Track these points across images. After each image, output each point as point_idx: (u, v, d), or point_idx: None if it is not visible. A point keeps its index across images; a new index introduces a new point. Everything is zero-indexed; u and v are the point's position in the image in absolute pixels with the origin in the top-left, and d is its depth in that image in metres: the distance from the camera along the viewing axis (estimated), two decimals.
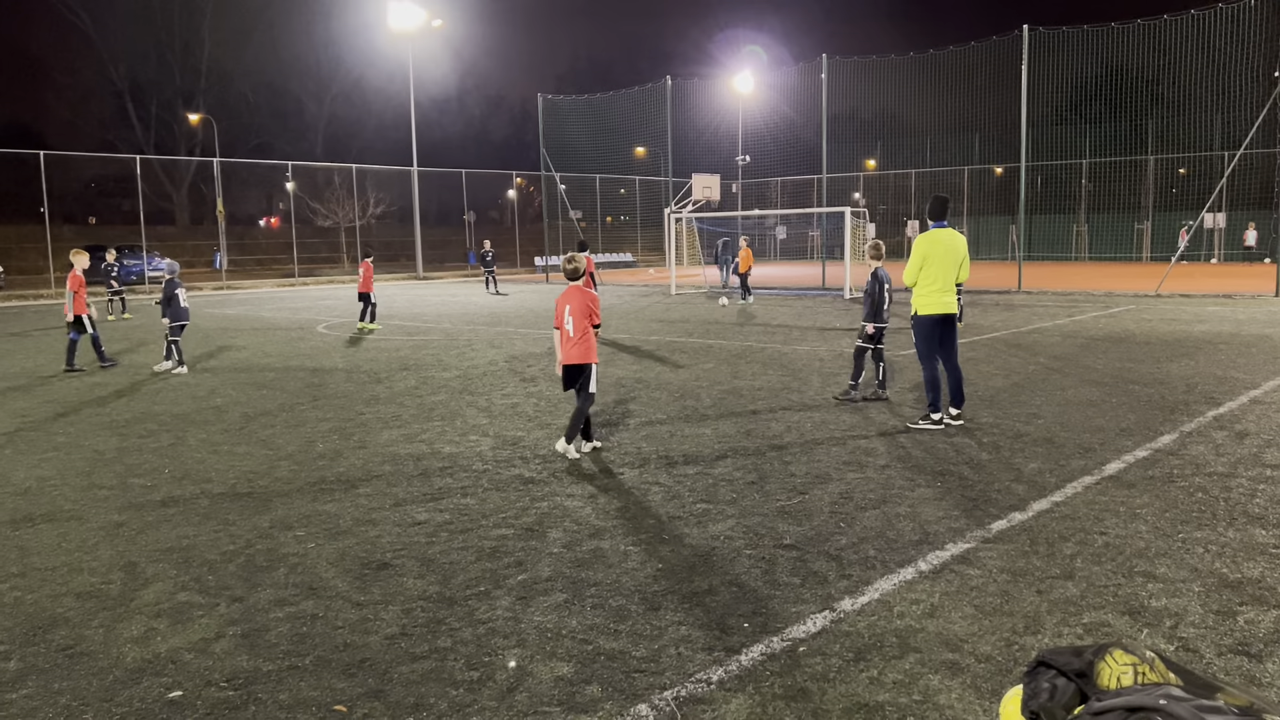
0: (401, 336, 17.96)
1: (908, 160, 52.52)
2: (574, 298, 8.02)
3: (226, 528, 6.19)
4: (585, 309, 7.98)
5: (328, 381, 12.31)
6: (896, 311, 12.13)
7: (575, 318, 7.96)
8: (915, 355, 9.52)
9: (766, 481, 7.09)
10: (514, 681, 4.02)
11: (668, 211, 32.73)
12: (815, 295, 27.58)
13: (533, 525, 6.15)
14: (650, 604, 4.82)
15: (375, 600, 4.93)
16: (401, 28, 41.71)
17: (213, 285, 38.17)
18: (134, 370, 14.02)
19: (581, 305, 7.98)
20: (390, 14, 41.44)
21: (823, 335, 16.85)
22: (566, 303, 8.01)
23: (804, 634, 4.43)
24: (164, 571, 5.40)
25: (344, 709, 3.82)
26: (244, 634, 4.54)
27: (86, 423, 9.82)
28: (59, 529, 6.23)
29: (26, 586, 5.20)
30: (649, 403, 10.41)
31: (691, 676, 4.04)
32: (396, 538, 5.94)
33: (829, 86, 30.90)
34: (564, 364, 8.06)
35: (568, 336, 8.00)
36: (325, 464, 7.87)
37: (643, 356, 14.28)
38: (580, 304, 7.98)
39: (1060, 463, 7.46)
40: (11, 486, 7.33)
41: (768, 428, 9.00)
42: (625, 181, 53.58)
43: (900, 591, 4.91)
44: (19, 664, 4.26)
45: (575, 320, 7.96)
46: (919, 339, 8.99)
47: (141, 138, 63.36)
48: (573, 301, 7.99)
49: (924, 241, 8.82)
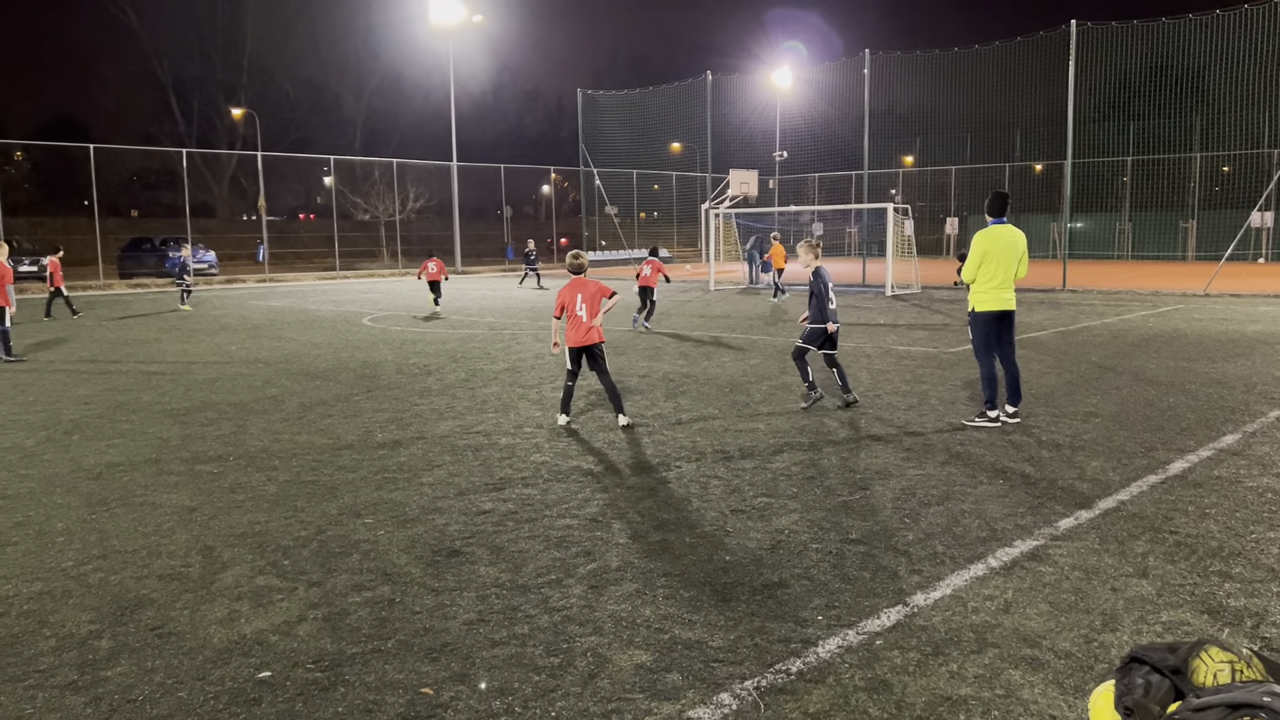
0: (447, 330, 18.10)
1: (947, 156, 52.09)
2: (586, 287, 8.80)
3: (296, 514, 6.29)
4: (600, 294, 8.82)
5: (379, 373, 12.44)
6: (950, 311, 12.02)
7: (590, 303, 8.75)
8: (971, 351, 9.45)
9: (826, 476, 7.09)
10: (595, 668, 4.07)
11: (705, 207, 32.70)
12: (855, 292, 27.43)
13: (596, 516, 6.20)
14: (722, 595, 4.85)
15: (450, 587, 5.00)
16: (442, 23, 41.93)
17: (255, 278, 38.66)
18: (52, 364, 14.24)
19: (596, 291, 8.81)
20: (431, 9, 41.68)
21: (867, 332, 16.78)
22: (578, 291, 8.79)
23: (879, 627, 4.44)
24: (240, 556, 5.51)
25: (431, 691, 3.89)
26: (325, 617, 4.62)
27: (148, 411, 10.01)
28: (134, 513, 6.36)
29: (110, 568, 5.33)
30: (699, 397, 10.43)
31: (771, 667, 4.06)
32: (464, 526, 6.01)
33: (870, 82, 30.71)
34: (580, 345, 8.81)
35: (580, 321, 8.75)
36: (386, 453, 7.97)
37: (688, 352, 14.30)
38: (593, 291, 8.80)
39: (1123, 461, 7.40)
40: (84, 472, 7.49)
41: (821, 423, 9.00)
42: (661, 177, 53.56)
43: (973, 587, 4.91)
44: (111, 642, 4.37)
45: (590, 306, 8.74)
46: (976, 335, 8.94)
47: (184, 132, 64.25)
48: (585, 290, 8.78)
49: (984, 237, 8.77)
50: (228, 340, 16.66)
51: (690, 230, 51.53)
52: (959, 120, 47.56)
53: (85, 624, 4.56)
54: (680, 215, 53.69)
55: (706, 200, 33.29)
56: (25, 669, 4.10)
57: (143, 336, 17.45)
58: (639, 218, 55.44)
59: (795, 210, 48.27)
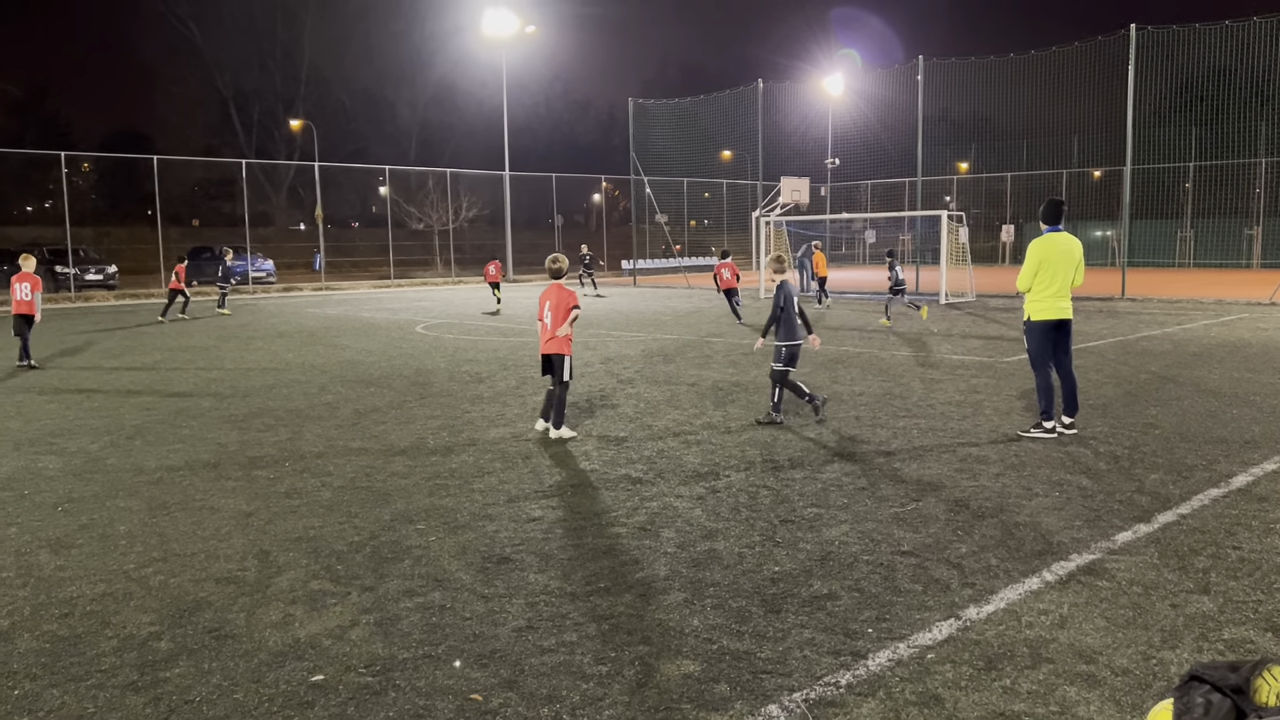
0: (498, 337, 18.25)
1: (1002, 163, 51.34)
2: (554, 294, 8.83)
3: (350, 519, 6.39)
4: (564, 304, 8.79)
5: (432, 380, 12.59)
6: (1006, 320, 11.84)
7: (554, 312, 8.77)
8: (1027, 361, 9.31)
9: (877, 487, 7.03)
10: (643, 677, 4.07)
11: (755, 215, 32.60)
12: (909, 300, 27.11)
13: (644, 524, 6.21)
14: (771, 606, 4.82)
15: (500, 593, 5.04)
16: (495, 34, 42.37)
17: (312, 286, 39.33)
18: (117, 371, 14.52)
19: (560, 301, 8.79)
20: (484, 21, 42.15)
21: (920, 341, 16.59)
22: (547, 299, 8.82)
23: (931, 641, 4.38)
24: (295, 560, 5.60)
25: (480, 698, 3.92)
26: (377, 622, 4.69)
27: (207, 417, 10.22)
28: (193, 517, 6.50)
29: (169, 571, 5.45)
30: (748, 406, 10.39)
31: (820, 679, 4.03)
32: (514, 533, 6.06)
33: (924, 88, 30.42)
34: (544, 353, 8.86)
35: (545, 328, 8.80)
36: (438, 460, 8.06)
37: (738, 360, 14.26)
38: (559, 300, 8.79)
39: (1183, 474, 7.23)
40: (145, 476, 7.67)
41: (873, 434, 8.92)
42: (712, 185, 53.52)
43: (1027, 601, 4.83)
44: (170, 644, 4.46)
45: (554, 315, 8.77)
46: (1032, 345, 8.80)
47: (244, 143, 65.60)
48: (552, 298, 8.81)
49: (1040, 245, 8.63)
50: (284, 347, 16.97)
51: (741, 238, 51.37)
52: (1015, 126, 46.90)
53: (146, 625, 4.67)
54: (731, 223, 53.59)
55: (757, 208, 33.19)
56: (88, 668, 4.21)
57: (202, 343, 17.83)
58: (689, 225, 55.46)
59: (848, 218, 47.93)
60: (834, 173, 49.27)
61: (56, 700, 3.92)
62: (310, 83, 67.73)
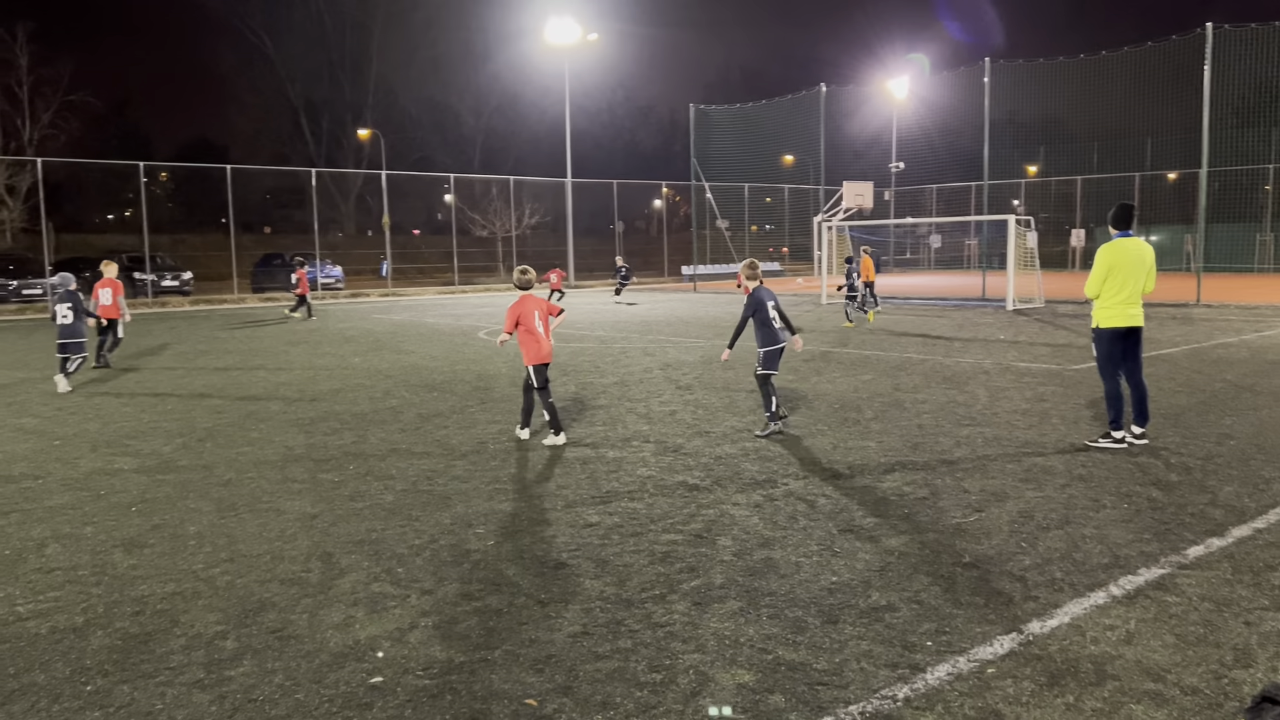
0: (558, 343, 18.36)
1: (1073, 166, 50.26)
2: (540, 304, 9.03)
3: (412, 523, 6.48)
4: (550, 311, 9.13)
5: (493, 385, 12.71)
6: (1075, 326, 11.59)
7: (544, 321, 8.98)
8: (1096, 369, 9.09)
9: (939, 497, 6.92)
10: (697, 686, 4.06)
11: (817, 219, 32.36)
12: (975, 306, 26.71)
13: (701, 532, 6.19)
14: (828, 617, 4.78)
15: (556, 598, 5.07)
16: (558, 42, 42.72)
17: (379, 292, 40.03)
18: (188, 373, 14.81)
19: (545, 309, 9.08)
20: (547, 29, 42.53)
21: (986, 348, 16.31)
22: (534, 308, 8.94)
23: (992, 655, 4.30)
24: (357, 562, 5.70)
25: (535, 703, 3.95)
26: (435, 625, 4.75)
27: (276, 420, 10.46)
28: (260, 519, 6.66)
29: (236, 571, 5.58)
30: (808, 414, 10.31)
31: (877, 692, 3.98)
32: (571, 538, 6.09)
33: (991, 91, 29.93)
34: (545, 361, 8.92)
35: (541, 338, 8.88)
36: (498, 465, 8.14)
37: (798, 367, 14.16)
38: (545, 308, 9.07)
39: (1259, 487, 7.00)
40: (215, 478, 7.88)
41: (936, 442, 8.78)
42: (774, 190, 53.26)
43: (1093, 616, 4.71)
44: (235, 643, 4.57)
45: (545, 324, 8.98)
46: (1100, 353, 8.59)
47: (314, 152, 67.00)
48: (540, 307, 9.00)
49: (1109, 251, 8.42)
50: (351, 352, 17.29)
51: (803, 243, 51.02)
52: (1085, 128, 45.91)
53: (213, 624, 4.80)
54: (793, 228, 53.29)
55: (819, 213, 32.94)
56: (157, 666, 4.33)
57: (272, 348, 18.24)
58: (750, 231, 55.23)
59: (912, 222, 47.33)
60: (898, 177, 48.71)
61: (126, 696, 4.04)
62: (378, 92, 68.96)
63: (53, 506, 7.05)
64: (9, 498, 7.32)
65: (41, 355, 17.62)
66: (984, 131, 30.36)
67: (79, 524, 6.59)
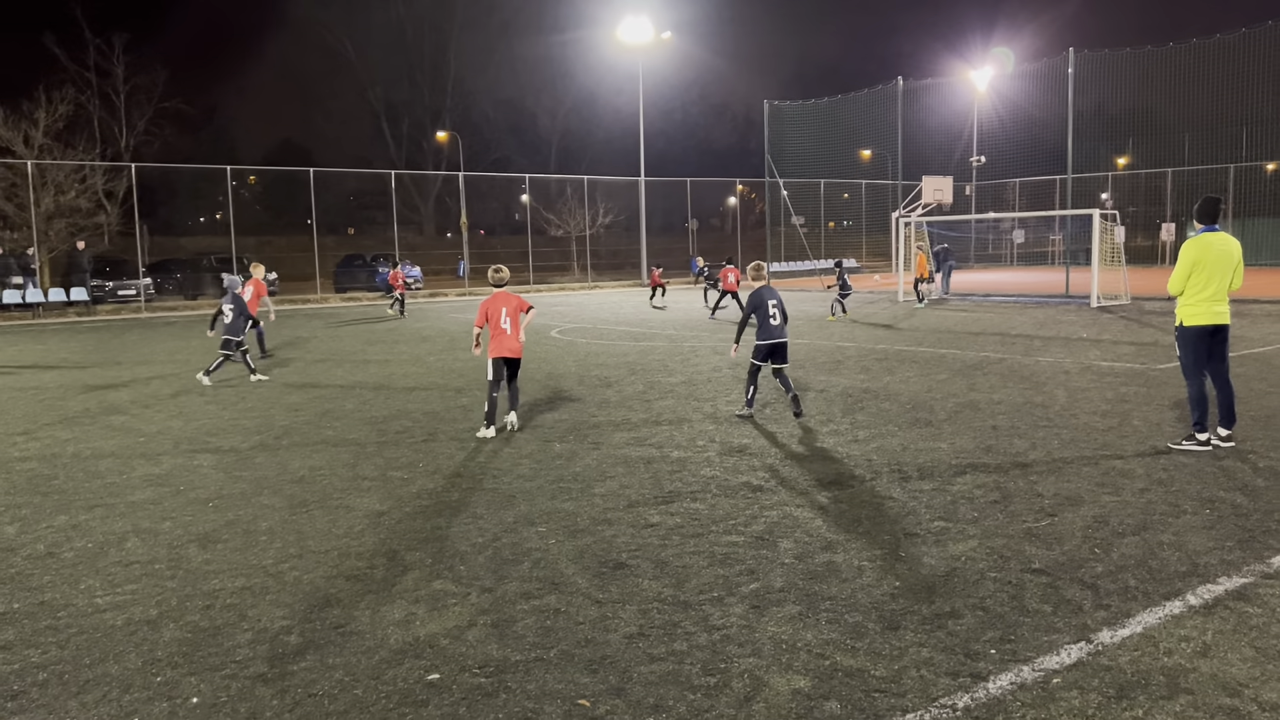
0: (628, 342, 18.41)
1: (1163, 158, 48.52)
2: (509, 300, 9.58)
3: (475, 521, 6.55)
4: (520, 308, 9.67)
5: (562, 384, 12.80)
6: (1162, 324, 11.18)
7: (513, 317, 9.55)
8: (1180, 369, 8.76)
9: (1010, 501, 6.74)
10: (751, 691, 4.02)
11: (895, 215, 31.84)
12: (1058, 303, 25.99)
13: (763, 534, 6.13)
14: (888, 623, 4.68)
15: (614, 599, 5.07)
16: (632, 41, 42.82)
17: (457, 292, 40.67)
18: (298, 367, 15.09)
19: (518, 306, 9.64)
20: (620, 28, 42.67)
21: (1067, 346, 15.85)
22: (502, 305, 9.51)
23: (1058, 665, 4.17)
24: (420, 560, 5.78)
25: (588, 704, 3.95)
26: (493, 623, 4.78)
27: (350, 418, 10.68)
28: (329, 515, 6.80)
29: (304, 567, 5.71)
30: (878, 414, 10.15)
31: (936, 701, 3.89)
32: (631, 538, 6.09)
33: (1075, 81, 29.09)
34: (506, 356, 9.54)
35: (505, 333, 9.49)
36: (562, 464, 8.19)
37: (870, 366, 13.95)
38: (516, 305, 9.62)
39: None
40: (289, 475, 8.08)
41: (1009, 444, 8.56)
42: (850, 186, 52.59)
43: (1167, 626, 4.53)
44: (299, 638, 4.68)
45: (513, 320, 9.55)
46: (1184, 351, 8.27)
47: (394, 154, 68.40)
48: (509, 304, 9.55)
49: (1194, 246, 8.11)
50: (427, 351, 17.58)
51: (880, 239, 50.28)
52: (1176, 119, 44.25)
53: (279, 619, 4.91)
54: (870, 224, 52.56)
55: (897, 208, 32.41)
56: (224, 659, 4.45)
57: (351, 347, 18.65)
58: (827, 227, 54.64)
59: (994, 217, 46.27)
60: (979, 171, 47.67)
61: (193, 688, 4.16)
62: (456, 94, 70.14)
63: (134, 501, 7.31)
64: (95, 492, 7.61)
65: (133, 354, 18.31)
66: (1068, 123, 29.52)
67: (158, 519, 6.82)
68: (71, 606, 5.15)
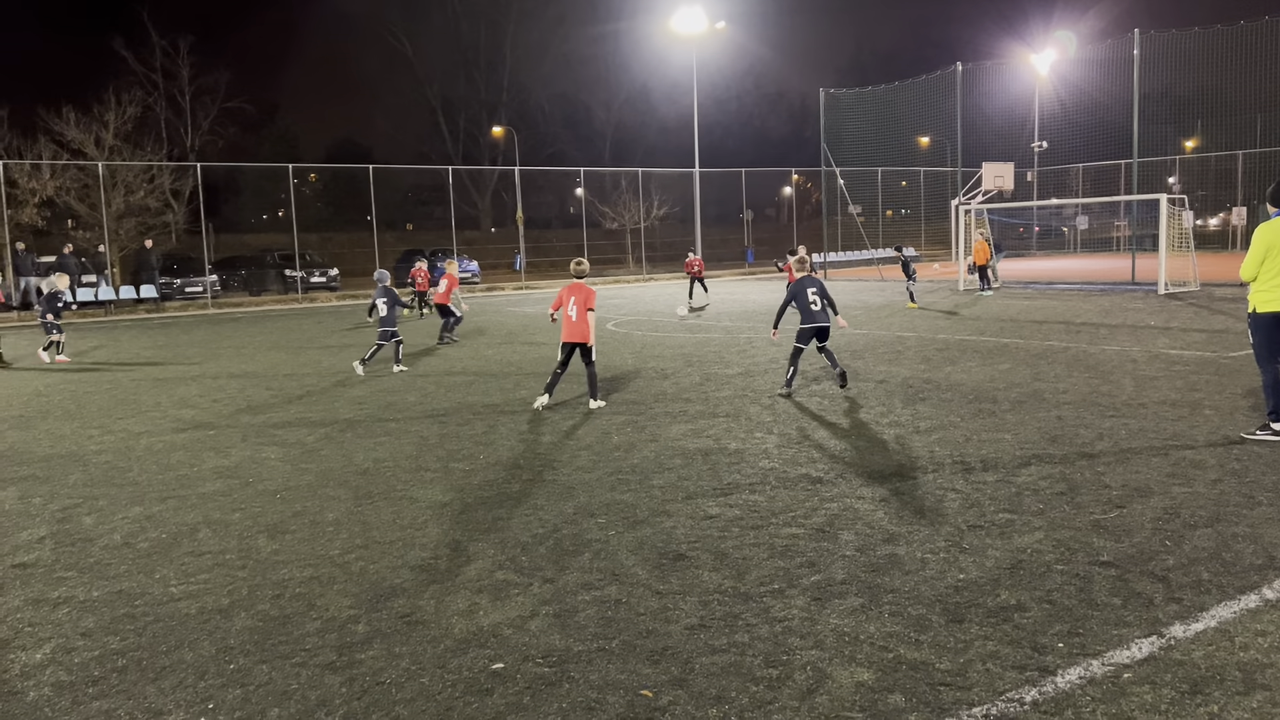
0: (684, 333, 18.40)
1: (1233, 140, 47.04)
2: (578, 291, 10.33)
3: (536, 512, 6.61)
4: (586, 300, 10.31)
5: (619, 376, 12.83)
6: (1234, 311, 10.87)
7: (579, 307, 10.27)
8: (1253, 357, 8.52)
9: (1077, 492, 6.61)
10: (814, 683, 4.01)
11: (955, 203, 31.34)
12: (1124, 290, 25.40)
13: (823, 526, 6.10)
14: (953, 615, 4.63)
15: (674, 590, 5.08)
16: (685, 31, 42.67)
17: (513, 285, 40.98)
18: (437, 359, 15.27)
19: (584, 297, 10.31)
20: (674, 19, 42.54)
21: (1135, 334, 15.48)
22: (572, 295, 10.33)
23: (1128, 659, 4.09)
24: (483, 550, 5.86)
25: (650, 694, 3.97)
26: (556, 614, 4.83)
27: (412, 411, 10.84)
28: (393, 507, 6.92)
29: (370, 558, 5.82)
30: (939, 404, 10.02)
31: (1002, 695, 3.84)
32: (690, 530, 6.09)
33: (1140, 63, 28.35)
34: (567, 341, 10.40)
35: (570, 320, 10.31)
36: (620, 455, 8.22)
37: (930, 356, 13.77)
38: (583, 296, 10.31)
39: None
40: (354, 467, 8.22)
41: (1076, 434, 8.40)
42: (908, 173, 51.89)
43: (1242, 620, 4.42)
44: (366, 628, 4.77)
45: (579, 309, 10.27)
46: (1257, 339, 8.03)
47: (451, 150, 69.05)
48: (577, 294, 10.31)
49: (1266, 230, 7.86)
50: (485, 345, 17.75)
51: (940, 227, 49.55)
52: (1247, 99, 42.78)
53: (346, 609, 5.01)
54: (929, 212, 51.80)
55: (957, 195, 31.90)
56: (294, 647, 4.55)
57: (411, 341, 18.89)
58: (885, 216, 53.96)
59: (1057, 204, 45.32)
60: (1041, 156, 46.71)
61: (265, 676, 4.26)
62: (511, 89, 70.52)
63: (205, 493, 7.50)
64: (167, 484, 7.83)
65: (201, 350, 18.77)
66: (1133, 106, 28.78)
67: (228, 510, 6.99)
68: (147, 595, 5.31)
